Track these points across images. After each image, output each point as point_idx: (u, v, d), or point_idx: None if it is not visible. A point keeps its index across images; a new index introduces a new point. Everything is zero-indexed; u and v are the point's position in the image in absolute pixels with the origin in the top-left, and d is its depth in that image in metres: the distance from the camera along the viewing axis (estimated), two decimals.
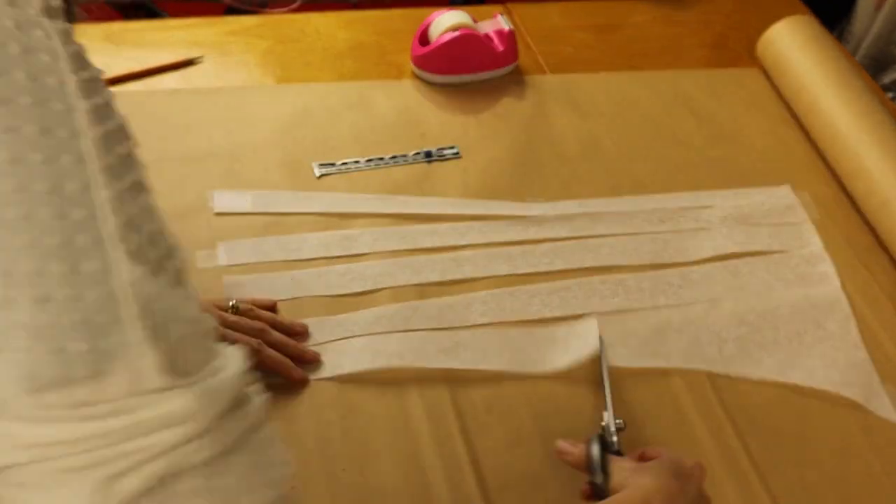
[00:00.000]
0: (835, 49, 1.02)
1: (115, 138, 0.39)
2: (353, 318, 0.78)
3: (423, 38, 1.03)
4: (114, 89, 1.06)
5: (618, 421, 0.67)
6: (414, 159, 0.93)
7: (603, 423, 0.67)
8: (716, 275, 0.85)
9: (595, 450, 0.62)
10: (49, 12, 0.38)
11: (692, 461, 0.62)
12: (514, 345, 0.77)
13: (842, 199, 0.95)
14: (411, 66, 1.03)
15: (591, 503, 0.61)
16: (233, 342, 0.56)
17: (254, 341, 0.70)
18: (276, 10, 1.21)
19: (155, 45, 1.02)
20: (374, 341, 0.74)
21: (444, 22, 1.01)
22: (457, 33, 1.00)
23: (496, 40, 1.03)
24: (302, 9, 1.17)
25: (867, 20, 1.27)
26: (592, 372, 0.76)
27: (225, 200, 0.86)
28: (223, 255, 0.81)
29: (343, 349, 0.74)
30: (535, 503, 0.68)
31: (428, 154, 0.94)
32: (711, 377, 0.77)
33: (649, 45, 1.14)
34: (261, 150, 0.92)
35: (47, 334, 0.36)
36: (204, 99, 0.94)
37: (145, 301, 0.38)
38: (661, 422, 0.74)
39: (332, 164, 0.91)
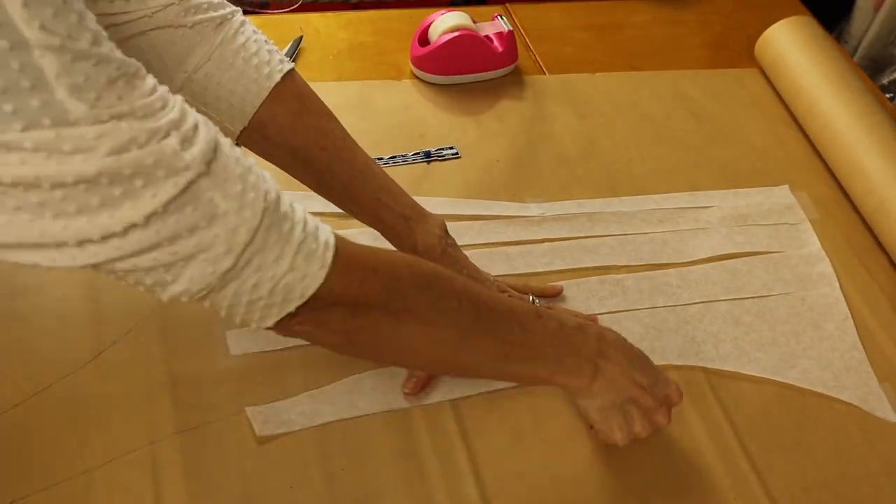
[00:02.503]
0: (834, 50, 1.03)
1: None
2: None
3: (423, 39, 1.03)
4: None
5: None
6: (413, 159, 0.93)
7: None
8: (714, 275, 0.86)
9: None
10: None
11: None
12: None
13: (840, 200, 0.95)
14: (411, 67, 1.04)
15: None
16: None
17: None
18: (276, 10, 1.21)
19: None
20: (383, 377, 0.74)
21: (444, 23, 1.01)
22: (456, 34, 1.00)
23: (496, 41, 1.03)
24: (302, 9, 1.17)
25: (866, 21, 1.27)
26: None
27: None
28: None
29: (354, 387, 0.73)
30: None
31: (427, 154, 0.94)
32: (709, 376, 0.77)
33: (649, 45, 1.14)
34: None
35: None
36: None
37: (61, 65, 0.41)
38: None
39: None
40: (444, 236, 0.76)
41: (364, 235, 0.85)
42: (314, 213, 0.85)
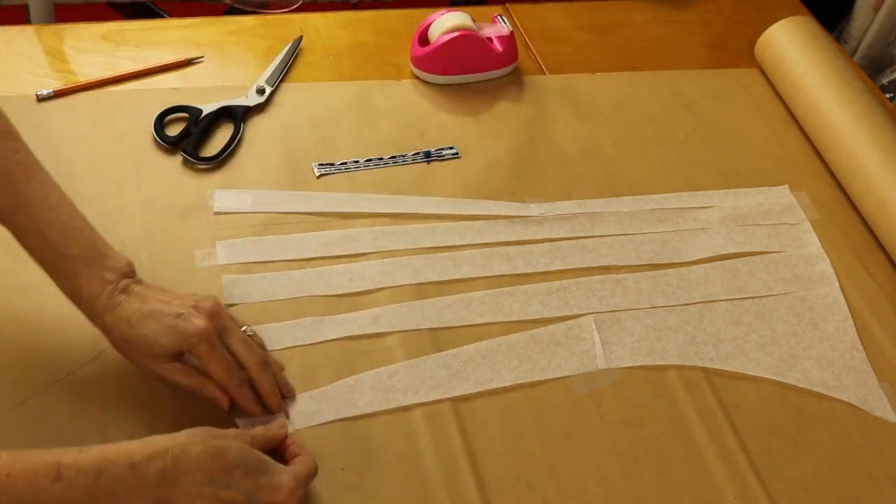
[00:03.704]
0: (833, 49, 1.03)
1: None
2: (352, 318, 0.78)
3: (423, 39, 1.03)
4: (114, 89, 1.06)
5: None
6: (413, 159, 0.93)
7: None
8: (714, 275, 0.86)
9: None
10: None
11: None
12: (520, 352, 0.77)
13: (840, 200, 0.95)
14: (411, 67, 1.04)
15: None
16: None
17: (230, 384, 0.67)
18: (276, 10, 1.22)
19: (155, 45, 1.02)
20: (382, 377, 0.74)
21: (444, 23, 1.01)
22: (456, 34, 1.00)
23: (496, 41, 1.03)
24: (302, 9, 1.17)
25: (866, 21, 1.27)
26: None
27: (225, 200, 0.86)
28: (222, 254, 0.81)
29: (354, 386, 0.73)
30: None
31: (427, 154, 0.94)
32: (709, 376, 0.77)
33: (649, 45, 1.14)
34: (261, 149, 0.92)
35: None
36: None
37: None
38: (658, 422, 0.74)
39: (332, 164, 0.91)
40: (118, 280, 0.67)
41: (368, 233, 0.85)
42: (314, 213, 0.86)
